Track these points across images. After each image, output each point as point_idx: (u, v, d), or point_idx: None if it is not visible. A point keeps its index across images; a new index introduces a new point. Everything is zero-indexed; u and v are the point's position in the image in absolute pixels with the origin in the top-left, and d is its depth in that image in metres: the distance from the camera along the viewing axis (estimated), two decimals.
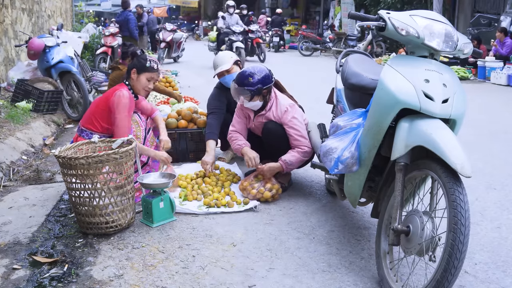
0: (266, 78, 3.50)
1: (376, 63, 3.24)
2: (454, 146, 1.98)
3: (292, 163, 3.47)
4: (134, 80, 3.41)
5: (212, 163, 3.75)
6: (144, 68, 3.40)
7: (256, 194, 3.34)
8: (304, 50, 17.76)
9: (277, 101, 3.58)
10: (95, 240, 2.77)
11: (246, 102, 3.53)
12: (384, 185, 2.55)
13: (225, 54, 4.23)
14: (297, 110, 3.60)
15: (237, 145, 3.66)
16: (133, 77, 3.40)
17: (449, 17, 13.19)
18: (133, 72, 3.40)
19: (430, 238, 2.03)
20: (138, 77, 3.40)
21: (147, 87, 3.44)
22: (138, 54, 3.61)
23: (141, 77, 3.40)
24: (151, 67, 3.41)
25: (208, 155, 3.78)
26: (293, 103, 3.64)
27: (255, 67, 3.56)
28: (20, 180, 3.87)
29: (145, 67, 3.40)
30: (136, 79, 3.40)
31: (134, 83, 3.42)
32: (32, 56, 6.25)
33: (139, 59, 3.45)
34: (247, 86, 3.45)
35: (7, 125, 4.94)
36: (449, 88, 2.17)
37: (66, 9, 12.16)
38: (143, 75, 3.40)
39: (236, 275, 2.39)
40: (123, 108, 3.24)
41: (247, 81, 3.46)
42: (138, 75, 3.40)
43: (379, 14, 2.31)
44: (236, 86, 3.51)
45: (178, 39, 13.92)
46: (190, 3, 35.22)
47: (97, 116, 3.32)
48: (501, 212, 3.26)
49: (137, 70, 3.40)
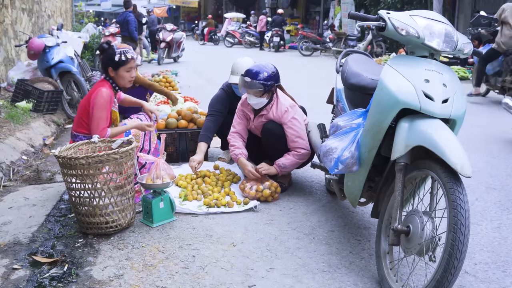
0: (278, 76, 3.49)
1: (376, 63, 3.24)
2: (454, 146, 1.98)
3: (286, 167, 3.47)
4: (115, 77, 3.34)
5: (199, 162, 3.72)
6: (118, 63, 3.29)
7: (256, 194, 3.34)
8: (304, 50, 17.77)
9: (278, 101, 3.57)
10: (95, 240, 2.77)
11: (253, 98, 3.47)
12: (384, 185, 2.55)
13: (245, 62, 4.01)
14: (297, 110, 3.59)
15: (233, 154, 3.62)
16: (113, 75, 3.33)
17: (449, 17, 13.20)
18: (110, 70, 3.32)
19: (430, 238, 2.03)
20: (117, 73, 3.32)
21: (130, 78, 3.36)
22: (105, 48, 3.34)
23: (119, 72, 3.32)
24: (124, 60, 3.29)
25: (197, 155, 3.78)
26: (294, 104, 3.63)
27: (266, 64, 3.53)
28: (20, 180, 3.87)
29: (119, 62, 3.29)
30: (116, 75, 3.33)
31: (116, 79, 3.35)
32: (32, 56, 6.25)
33: (109, 56, 3.31)
34: (262, 80, 3.40)
35: (7, 125, 4.94)
36: (449, 88, 2.17)
37: (66, 9, 12.16)
38: (120, 69, 3.31)
39: (236, 275, 2.39)
40: (101, 106, 3.20)
41: (262, 75, 3.40)
42: (116, 71, 3.31)
43: (379, 14, 2.31)
44: (248, 79, 3.41)
45: (178, 39, 13.92)
46: (190, 3, 35.24)
47: (84, 117, 3.29)
48: (501, 212, 3.26)
49: (113, 67, 3.31)
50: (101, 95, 3.22)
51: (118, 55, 3.28)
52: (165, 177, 2.97)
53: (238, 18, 26.25)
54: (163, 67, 12.46)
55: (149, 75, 7.88)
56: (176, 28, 14.37)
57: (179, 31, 14.59)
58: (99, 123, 3.19)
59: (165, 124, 4.37)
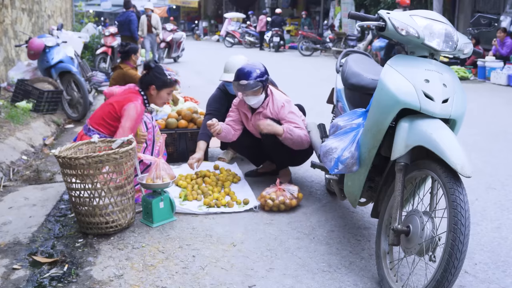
0: (266, 70, 3.52)
1: (376, 63, 3.24)
2: (454, 146, 1.98)
3: (292, 133, 3.38)
4: (153, 96, 3.38)
5: (199, 160, 3.68)
6: (165, 84, 3.36)
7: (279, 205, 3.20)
8: (304, 50, 17.77)
9: (273, 97, 3.58)
10: (95, 240, 2.77)
11: (252, 98, 3.48)
12: (384, 185, 2.55)
13: (239, 60, 3.97)
14: (292, 105, 3.61)
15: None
16: (153, 93, 3.36)
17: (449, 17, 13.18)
18: (152, 88, 3.35)
19: (430, 238, 2.03)
20: (159, 93, 3.37)
21: (166, 100, 3.44)
22: (153, 68, 3.38)
23: (161, 93, 3.38)
24: (172, 82, 3.38)
25: (196, 153, 3.76)
26: (289, 99, 3.64)
27: (253, 62, 3.56)
28: (20, 180, 3.87)
29: (166, 83, 3.36)
30: (156, 95, 3.37)
31: (154, 98, 3.39)
32: (32, 56, 6.25)
33: (157, 75, 3.35)
34: (257, 77, 3.40)
35: (7, 125, 4.94)
36: (449, 88, 2.17)
37: (66, 9, 12.16)
38: (163, 91, 3.38)
39: (236, 275, 2.39)
40: (133, 120, 3.22)
41: (255, 73, 3.41)
42: (158, 91, 3.36)
43: (379, 14, 2.31)
44: (244, 82, 3.39)
45: (178, 39, 13.92)
46: (190, 3, 35.22)
47: (108, 120, 3.28)
48: (501, 212, 3.26)
49: (157, 87, 3.34)
50: (136, 109, 3.23)
51: (169, 77, 3.36)
52: (165, 177, 2.97)
53: (238, 18, 26.24)
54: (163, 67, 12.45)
55: None
56: (176, 28, 14.38)
57: (179, 31, 14.60)
58: (127, 133, 3.18)
59: (165, 124, 4.37)
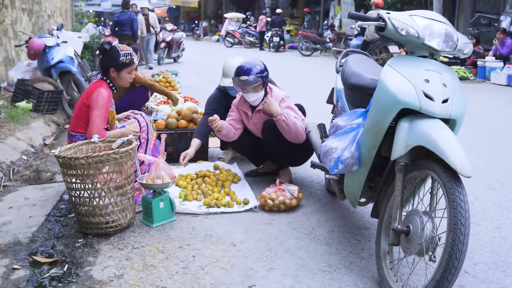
0: (266, 67, 3.53)
1: (376, 63, 3.24)
2: (454, 146, 1.98)
3: (288, 117, 3.34)
4: (115, 78, 3.35)
5: (189, 155, 3.66)
6: (122, 65, 3.31)
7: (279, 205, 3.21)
8: (304, 50, 17.77)
9: (272, 93, 3.61)
10: (95, 240, 2.77)
11: (252, 94, 3.49)
12: (384, 185, 2.55)
13: (236, 62, 3.94)
14: (291, 100, 3.63)
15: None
16: (114, 75, 3.33)
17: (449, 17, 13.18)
18: (112, 71, 3.31)
19: (430, 238, 2.03)
20: (119, 75, 3.33)
21: (130, 79, 3.40)
22: (107, 49, 3.33)
23: (122, 74, 3.34)
24: (128, 62, 3.32)
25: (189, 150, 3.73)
26: (288, 95, 3.66)
27: (252, 59, 3.57)
28: (20, 180, 3.87)
29: (123, 64, 3.31)
30: (118, 76, 3.34)
31: (116, 80, 3.36)
32: (32, 56, 6.25)
33: (113, 57, 3.31)
34: (258, 73, 3.42)
35: (7, 125, 4.94)
36: (449, 88, 2.17)
37: (66, 9, 12.15)
38: (123, 71, 3.33)
39: (236, 275, 2.39)
40: (101, 106, 3.20)
41: (255, 69, 3.43)
42: (118, 72, 3.32)
43: (379, 14, 2.31)
44: (244, 77, 3.40)
45: (178, 39, 13.92)
46: (190, 3, 35.23)
47: (82, 117, 3.27)
48: (501, 212, 3.26)
49: (116, 68, 3.31)
50: (101, 95, 3.21)
51: (123, 57, 3.29)
52: (165, 177, 2.97)
53: (238, 18, 26.24)
54: (163, 67, 12.46)
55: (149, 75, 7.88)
56: (176, 28, 14.37)
57: (179, 31, 14.59)
58: (98, 122, 3.18)
59: (165, 124, 4.38)
